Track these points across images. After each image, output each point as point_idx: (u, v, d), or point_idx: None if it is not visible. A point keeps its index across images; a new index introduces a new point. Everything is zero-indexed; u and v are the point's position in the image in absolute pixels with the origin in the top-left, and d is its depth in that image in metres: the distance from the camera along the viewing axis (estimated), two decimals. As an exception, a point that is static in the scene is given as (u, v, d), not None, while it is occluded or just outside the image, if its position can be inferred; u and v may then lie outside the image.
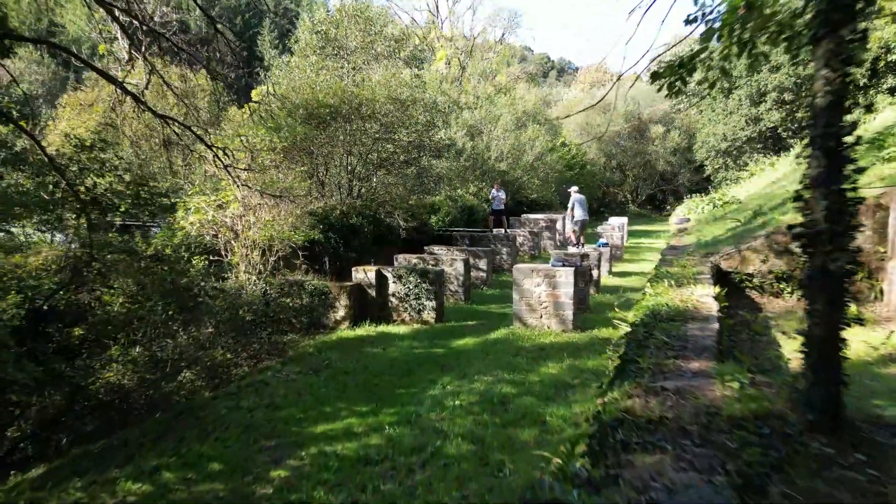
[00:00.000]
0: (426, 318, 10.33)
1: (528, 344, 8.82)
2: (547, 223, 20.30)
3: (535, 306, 9.63)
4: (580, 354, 8.21)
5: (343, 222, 12.56)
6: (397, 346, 8.94)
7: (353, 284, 10.43)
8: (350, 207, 12.84)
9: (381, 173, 13.86)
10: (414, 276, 10.32)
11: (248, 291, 9.70)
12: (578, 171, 30.70)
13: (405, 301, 10.41)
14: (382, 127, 13.45)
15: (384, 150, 13.61)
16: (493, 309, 11.62)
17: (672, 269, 6.46)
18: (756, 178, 18.77)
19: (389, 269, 10.61)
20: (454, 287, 11.92)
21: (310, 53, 14.02)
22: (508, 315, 10.80)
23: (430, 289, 10.25)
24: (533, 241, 18.03)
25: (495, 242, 15.36)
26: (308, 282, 10.35)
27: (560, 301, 9.48)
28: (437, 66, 26.09)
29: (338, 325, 10.28)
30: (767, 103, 27.06)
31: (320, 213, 12.39)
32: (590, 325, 9.86)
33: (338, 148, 13.05)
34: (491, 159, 22.16)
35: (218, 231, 10.54)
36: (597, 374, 7.34)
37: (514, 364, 7.83)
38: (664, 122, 38.70)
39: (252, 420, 6.24)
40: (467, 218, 19.55)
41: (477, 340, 9.18)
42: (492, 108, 24.09)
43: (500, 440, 5.52)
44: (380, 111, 13.13)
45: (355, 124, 12.85)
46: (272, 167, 10.40)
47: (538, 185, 24.25)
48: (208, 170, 10.63)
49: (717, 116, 30.88)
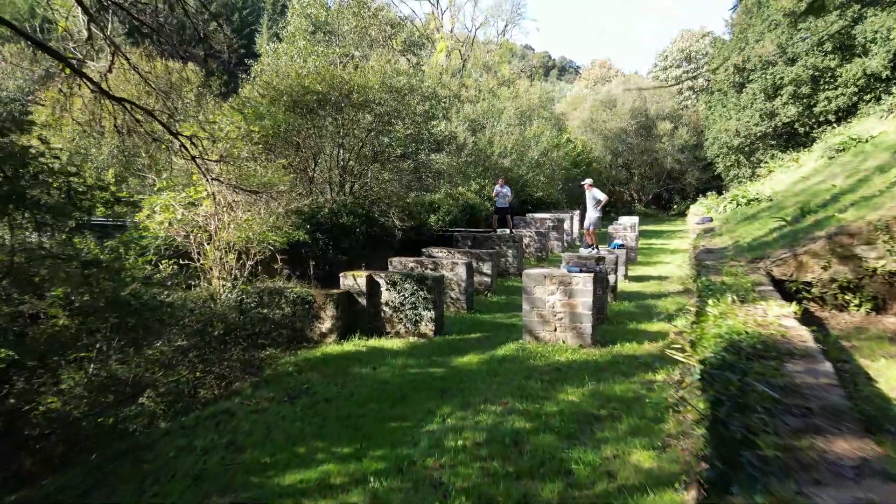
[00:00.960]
0: (423, 330, 9.12)
1: (542, 362, 7.62)
2: (554, 223, 19.08)
3: (549, 318, 8.41)
4: (604, 376, 7.00)
5: (332, 222, 11.35)
6: (390, 364, 7.73)
7: (341, 292, 9.21)
8: (341, 206, 11.63)
9: (376, 168, 12.66)
10: (410, 283, 9.11)
11: (220, 301, 8.50)
12: (584, 169, 29.45)
13: (400, 311, 9.20)
14: (377, 118, 12.24)
15: (379, 143, 12.42)
16: (499, 319, 10.41)
17: (723, 279, 5.27)
18: (778, 175, 17.56)
19: (382, 274, 9.39)
20: (455, 294, 10.71)
21: (299, 38, 12.82)
22: (517, 326, 9.58)
23: (428, 297, 9.04)
24: (540, 242, 16.81)
25: (500, 244, 14.13)
26: (290, 289, 9.14)
27: (577, 312, 8.27)
28: (438, 58, 24.87)
29: (323, 338, 9.07)
30: (783, 97, 25.79)
31: (307, 211, 11.19)
32: (610, 339, 8.65)
33: (327, 140, 11.85)
34: (494, 155, 20.94)
35: (189, 232, 9.33)
36: (626, 404, 6.14)
37: (527, 389, 6.63)
38: (672, 119, 37.46)
39: (205, 467, 5.03)
40: (469, 217, 18.34)
41: (482, 357, 7.97)
42: (494, 101, 22.87)
43: (515, 499, 4.32)
44: (373, 100, 11.93)
45: (346, 113, 11.65)
46: (249, 159, 9.18)
47: (544, 182, 22.98)
48: (180, 163, 9.42)
49: (729, 112, 29.63)
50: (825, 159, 13.91)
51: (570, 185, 26.69)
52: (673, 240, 23.92)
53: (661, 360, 7.75)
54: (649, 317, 10.19)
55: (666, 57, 45.19)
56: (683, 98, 42.49)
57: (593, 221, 12.05)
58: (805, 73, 24.76)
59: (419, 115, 13.25)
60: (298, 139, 11.38)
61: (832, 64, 24.38)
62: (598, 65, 52.68)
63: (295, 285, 9.47)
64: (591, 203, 11.90)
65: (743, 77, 28.32)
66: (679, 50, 44.16)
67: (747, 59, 27.10)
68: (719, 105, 32.78)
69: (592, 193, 11.95)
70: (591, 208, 11.93)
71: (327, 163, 12.26)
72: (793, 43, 25.37)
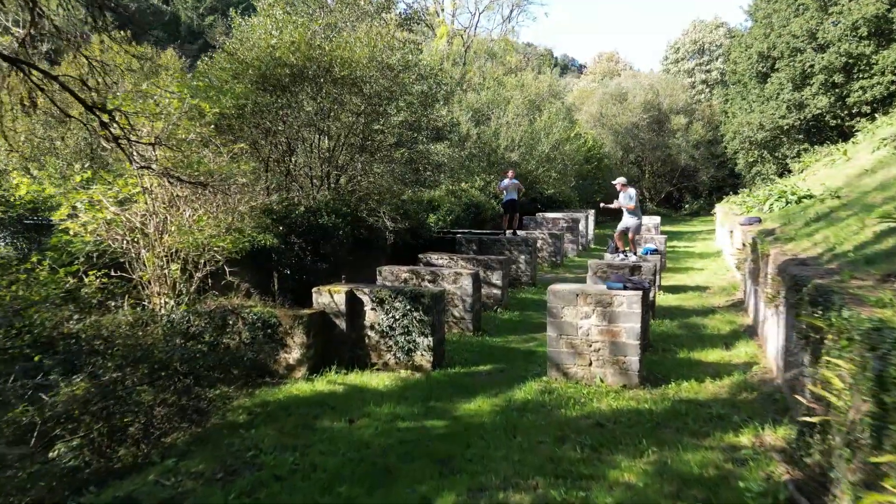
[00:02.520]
0: (419, 361, 7.15)
1: (577, 412, 5.67)
2: (568, 223, 17.11)
3: (582, 348, 6.45)
4: (666, 437, 5.06)
5: (310, 222, 9.40)
6: (373, 416, 5.77)
7: (314, 313, 7.25)
8: (321, 203, 9.68)
9: (365, 159, 10.71)
10: (402, 301, 7.15)
11: (153, 326, 6.53)
12: (596, 166, 27.48)
13: (389, 336, 7.24)
14: (366, 100, 10.29)
15: (369, 130, 10.47)
16: (513, 343, 8.44)
17: (885, 314, 3.35)
18: (823, 170, 15.57)
19: (367, 289, 7.43)
20: (459, 312, 8.74)
21: (277, 9, 10.87)
22: (537, 355, 7.62)
23: (425, 319, 7.08)
24: (554, 245, 14.82)
25: (511, 248, 12.15)
26: (249, 308, 7.18)
27: (620, 342, 6.31)
28: (438, 44, 22.89)
29: (290, 371, 7.11)
30: (813, 87, 23.79)
31: (279, 210, 9.25)
32: (661, 375, 6.70)
33: (306, 124, 9.89)
34: (500, 148, 18.96)
35: (123, 236, 7.38)
36: (709, 489, 4.19)
37: (563, 460, 4.69)
38: (686, 113, 35.45)
39: None
40: (473, 217, 16.39)
41: (495, 403, 6.01)
42: (500, 90, 20.89)
43: None
44: (361, 77, 9.98)
45: (328, 92, 9.69)
46: (198, 143, 7.23)
47: (555, 178, 20.97)
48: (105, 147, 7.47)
49: (751, 104, 27.62)
50: (888, 150, 11.92)
51: (581, 183, 24.72)
52: (695, 241, 21.95)
53: (735, 407, 5.81)
54: (700, 341, 8.23)
55: (678, 49, 43.15)
56: (696, 92, 40.46)
57: (631, 226, 10.05)
58: (838, 61, 22.75)
59: (416, 98, 11.29)
60: (269, 122, 9.43)
61: (867, 50, 22.36)
62: (606, 58, 50.61)
63: (256, 303, 7.51)
64: (625, 204, 9.94)
65: (767, 66, 26.31)
66: (692, 41, 42.11)
67: (772, 46, 25.09)
68: (738, 97, 30.77)
69: (628, 193, 10.00)
70: (626, 211, 9.97)
71: (307, 152, 10.31)
72: (823, 28, 23.36)
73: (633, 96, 34.96)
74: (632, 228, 10.05)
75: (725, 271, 13.33)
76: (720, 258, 16.06)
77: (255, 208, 9.06)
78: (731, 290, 11.02)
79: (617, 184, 10.28)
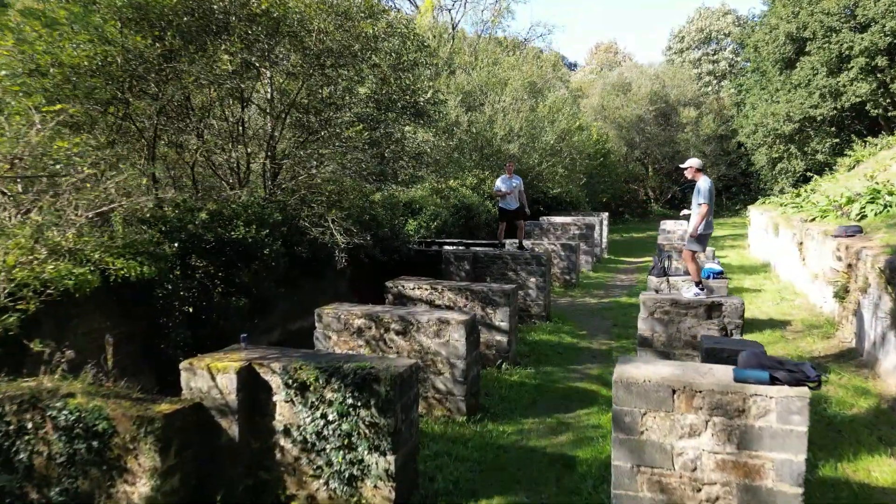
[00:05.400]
0: (370, 497, 3.91)
1: None
2: (581, 229, 13.95)
3: (683, 495, 3.24)
4: None
5: (219, 236, 6.14)
6: None
7: (179, 409, 3.97)
8: (237, 208, 6.43)
9: (306, 139, 7.45)
10: (340, 388, 3.93)
11: None
12: (602, 161, 24.37)
13: (316, 451, 4.00)
14: (310, 58, 7.06)
15: (314, 100, 7.25)
16: (533, 437, 5.14)
17: None
18: (894, 165, 12.58)
19: (279, 362, 4.14)
20: (444, 383, 5.47)
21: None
22: (578, 462, 4.36)
23: (380, 422, 3.85)
24: (567, 259, 11.60)
25: (516, 268, 8.93)
26: (63, 399, 3.92)
27: (764, 488, 3.11)
28: (422, 21, 19.67)
29: (126, 529, 3.83)
30: (851, 72, 20.85)
31: (169, 217, 6.02)
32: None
33: (214, 89, 6.62)
34: (496, 139, 15.77)
35: None
36: None
37: None
38: (695, 106, 32.49)
39: None
40: (464, 223, 13.17)
41: None
42: (496, 69, 17.71)
43: None
44: (300, 23, 6.75)
45: (248, 43, 6.46)
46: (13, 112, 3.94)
47: (561, 175, 17.78)
48: None
49: (773, 93, 24.66)
50: None
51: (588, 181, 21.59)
52: (723, 250, 18.85)
53: None
54: (837, 435, 5.01)
55: (682, 38, 40.16)
56: (703, 83, 37.51)
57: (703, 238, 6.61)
58: (882, 41, 19.79)
59: (385, 58, 8.08)
60: (154, 83, 6.16)
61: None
62: (603, 49, 47.52)
63: (83, 384, 4.20)
64: (696, 203, 6.52)
65: (794, 50, 23.36)
66: (697, 29, 39.13)
67: (803, 26, 22.13)
68: (757, 87, 27.81)
69: (698, 185, 6.66)
70: (697, 215, 6.50)
71: (217, 130, 7.03)
72: (864, 4, 20.43)
73: (638, 87, 31.89)
74: (703, 243, 6.78)
75: (794, 295, 10.22)
76: (772, 273, 12.98)
77: (130, 214, 5.80)
78: (826, 328, 7.91)
79: (689, 168, 6.73)
